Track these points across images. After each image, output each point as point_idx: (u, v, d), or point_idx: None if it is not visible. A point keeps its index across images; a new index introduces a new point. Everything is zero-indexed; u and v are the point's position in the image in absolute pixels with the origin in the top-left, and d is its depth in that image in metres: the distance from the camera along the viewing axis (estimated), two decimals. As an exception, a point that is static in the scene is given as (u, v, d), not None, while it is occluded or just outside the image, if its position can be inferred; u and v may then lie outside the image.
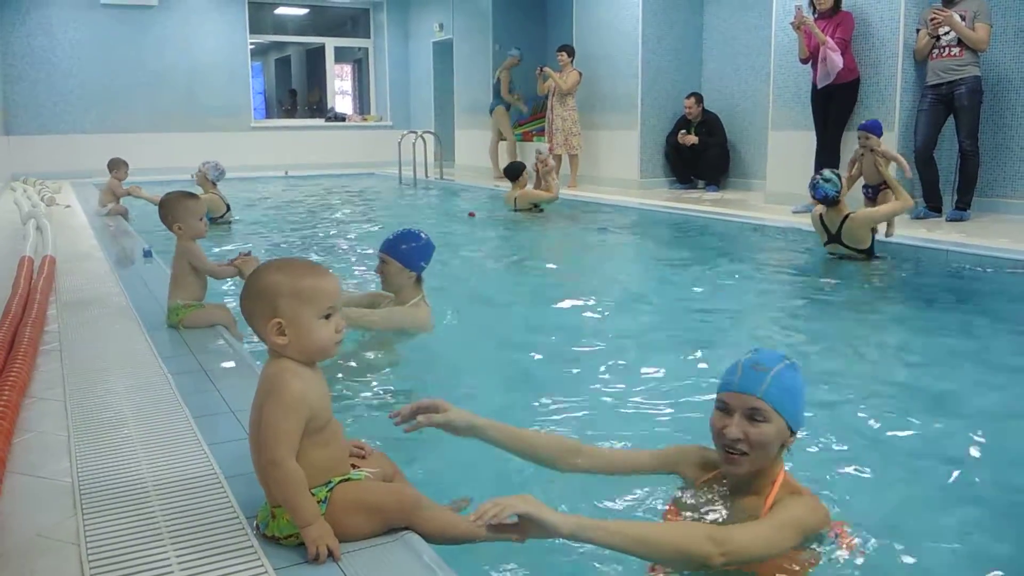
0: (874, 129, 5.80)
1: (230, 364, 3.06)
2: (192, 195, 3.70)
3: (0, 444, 2.10)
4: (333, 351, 1.76)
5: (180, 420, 2.44)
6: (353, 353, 3.45)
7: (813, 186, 5.35)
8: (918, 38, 7.02)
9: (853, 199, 5.87)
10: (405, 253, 3.63)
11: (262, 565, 1.63)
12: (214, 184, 7.85)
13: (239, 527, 1.78)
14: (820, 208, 5.45)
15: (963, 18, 6.69)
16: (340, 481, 1.73)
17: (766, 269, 5.73)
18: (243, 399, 2.61)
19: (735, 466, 1.79)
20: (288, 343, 1.69)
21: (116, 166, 8.43)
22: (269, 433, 1.65)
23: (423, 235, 3.71)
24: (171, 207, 3.52)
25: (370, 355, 3.49)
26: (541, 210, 8.58)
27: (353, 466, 1.82)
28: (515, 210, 8.59)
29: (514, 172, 8.75)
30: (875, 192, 6.38)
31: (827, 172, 5.40)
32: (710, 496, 1.88)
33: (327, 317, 1.71)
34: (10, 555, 1.69)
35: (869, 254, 5.44)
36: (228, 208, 7.91)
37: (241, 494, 1.93)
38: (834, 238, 5.42)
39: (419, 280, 3.70)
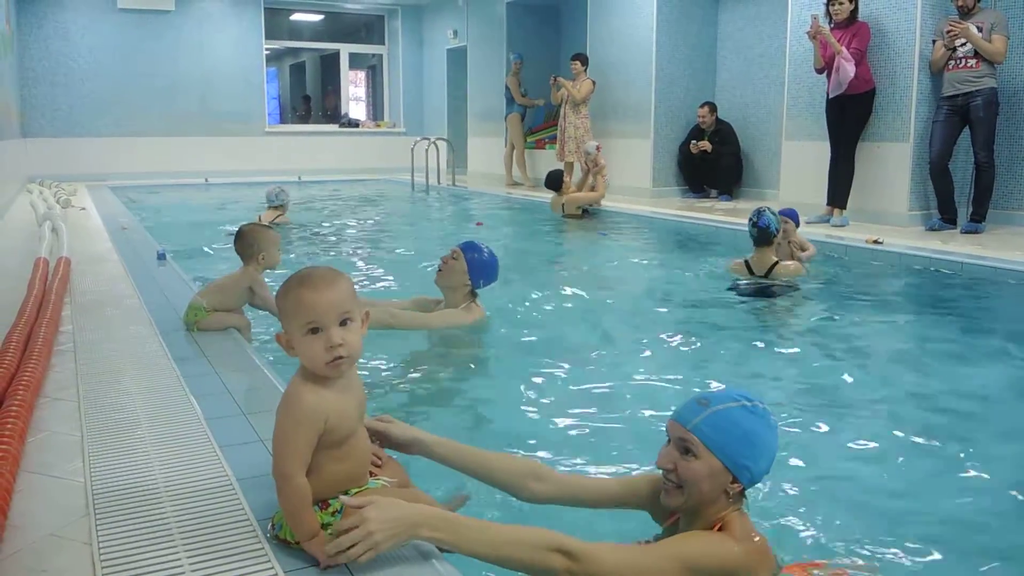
0: (792, 217, 5.70)
1: (243, 368, 3.06)
2: (269, 226, 3.80)
3: (14, 443, 2.11)
4: (327, 370, 1.65)
5: (193, 422, 2.44)
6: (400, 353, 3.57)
7: (760, 214, 5.16)
8: (934, 49, 7.00)
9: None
10: (476, 262, 3.78)
11: (273, 568, 1.63)
12: (271, 206, 8.14)
13: (251, 530, 1.78)
14: (738, 263, 5.34)
15: (980, 29, 6.67)
16: (357, 492, 1.72)
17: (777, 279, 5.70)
18: (255, 403, 2.62)
19: (668, 496, 1.72)
20: (297, 355, 1.68)
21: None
22: (279, 447, 1.65)
23: (496, 258, 3.88)
24: (256, 237, 3.55)
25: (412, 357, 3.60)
26: (586, 214, 8.61)
27: (370, 474, 1.82)
28: (564, 216, 8.65)
29: (555, 182, 8.78)
30: None
31: (773, 207, 5.33)
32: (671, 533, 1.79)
33: (314, 332, 1.63)
34: (23, 554, 1.69)
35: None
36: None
37: (253, 497, 1.93)
38: (762, 278, 5.26)
39: (472, 292, 3.84)
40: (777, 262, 5.23)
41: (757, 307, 4.89)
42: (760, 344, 4.05)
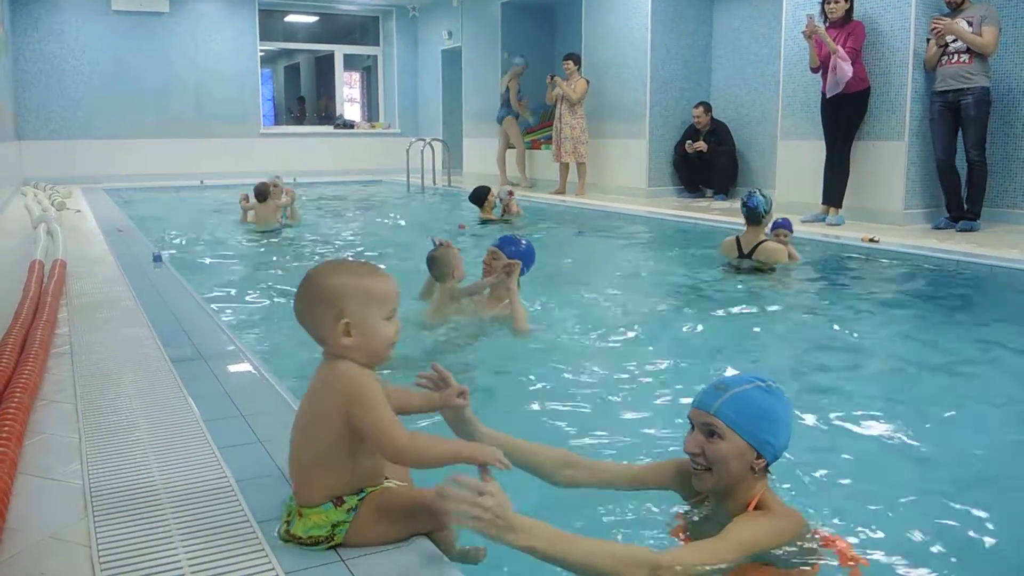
0: (786, 227, 5.87)
1: (240, 369, 3.06)
2: (450, 245, 4.11)
3: (12, 446, 2.10)
4: (388, 354, 1.73)
5: (190, 423, 2.44)
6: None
7: (751, 194, 5.51)
8: (927, 48, 7.02)
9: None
10: (515, 255, 3.93)
11: (272, 569, 1.63)
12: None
13: (250, 531, 1.78)
14: (731, 239, 5.65)
15: (970, 24, 6.68)
16: (372, 491, 1.72)
17: (774, 278, 5.71)
18: (254, 403, 2.62)
19: (699, 480, 1.83)
20: (353, 345, 1.68)
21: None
22: (379, 432, 1.64)
23: (531, 245, 4.07)
24: (448, 260, 3.89)
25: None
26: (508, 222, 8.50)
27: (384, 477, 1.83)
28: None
29: (478, 198, 8.49)
30: None
31: (764, 190, 5.67)
32: (702, 515, 1.91)
33: (389, 318, 1.71)
34: (22, 556, 1.69)
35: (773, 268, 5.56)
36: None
37: (252, 498, 1.93)
38: (745, 257, 5.54)
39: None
40: (763, 241, 5.52)
41: (753, 304, 4.90)
42: (757, 340, 4.06)
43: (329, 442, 1.67)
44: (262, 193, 8.05)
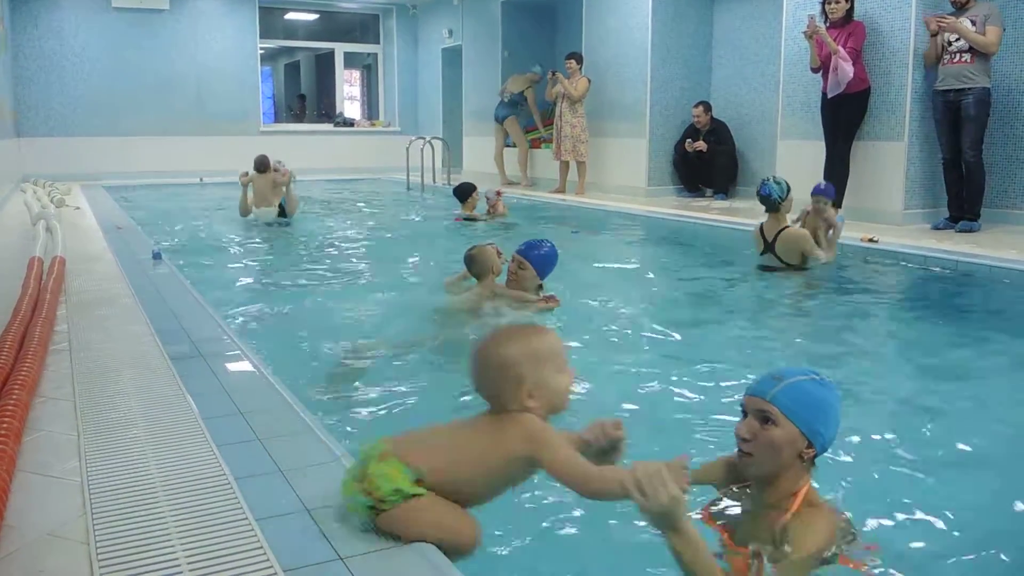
0: (827, 194, 5.83)
1: (239, 367, 3.06)
2: (493, 246, 4.25)
3: (10, 443, 2.10)
4: (568, 403, 1.82)
5: (189, 421, 2.44)
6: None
7: (763, 183, 5.53)
8: (929, 46, 7.01)
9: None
10: (539, 260, 4.06)
11: (271, 566, 1.63)
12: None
13: (248, 528, 1.78)
14: (757, 228, 5.62)
15: (974, 23, 6.68)
16: (431, 493, 1.75)
17: (772, 278, 5.72)
18: (252, 401, 2.62)
19: (744, 466, 1.88)
20: (536, 405, 1.76)
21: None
22: (568, 468, 1.69)
23: (554, 248, 4.18)
24: (485, 257, 4.03)
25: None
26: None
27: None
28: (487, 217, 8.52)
29: (463, 193, 8.50)
30: None
31: (778, 176, 5.68)
32: (738, 505, 1.94)
33: (561, 370, 1.80)
34: (20, 553, 1.69)
35: (800, 267, 5.48)
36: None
37: (250, 496, 1.93)
38: (769, 247, 5.49)
39: (540, 285, 4.10)
40: (783, 228, 5.45)
41: (751, 303, 4.90)
42: (754, 339, 4.06)
43: (499, 464, 1.75)
44: (262, 164, 8.16)
